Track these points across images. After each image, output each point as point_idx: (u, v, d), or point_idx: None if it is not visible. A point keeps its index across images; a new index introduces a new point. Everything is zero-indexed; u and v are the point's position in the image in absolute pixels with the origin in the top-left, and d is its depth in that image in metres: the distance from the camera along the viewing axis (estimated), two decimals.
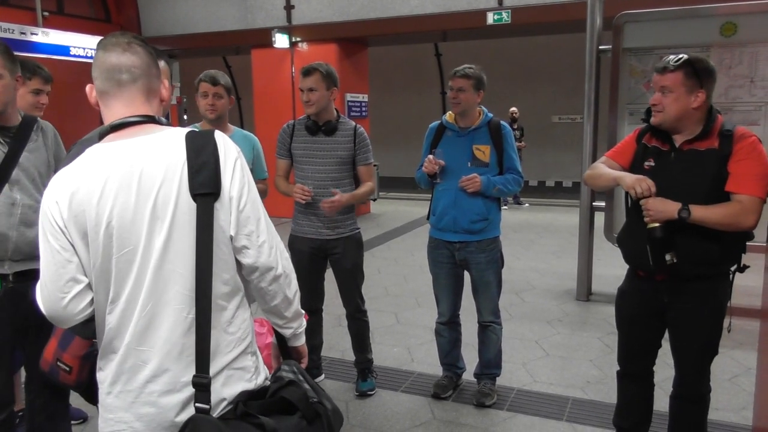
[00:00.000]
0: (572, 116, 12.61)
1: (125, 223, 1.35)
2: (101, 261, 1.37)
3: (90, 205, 1.35)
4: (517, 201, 11.11)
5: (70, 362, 1.87)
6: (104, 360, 1.47)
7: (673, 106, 2.27)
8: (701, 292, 2.35)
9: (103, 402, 1.47)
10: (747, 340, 4.03)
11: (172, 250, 1.37)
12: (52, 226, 1.38)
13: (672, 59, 2.28)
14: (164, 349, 1.39)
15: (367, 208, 10.46)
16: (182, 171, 1.36)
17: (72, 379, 1.88)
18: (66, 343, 1.89)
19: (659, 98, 2.30)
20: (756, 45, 4.48)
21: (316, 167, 3.32)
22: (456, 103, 3.24)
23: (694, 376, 2.47)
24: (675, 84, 2.26)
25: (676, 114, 2.29)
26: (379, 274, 6.37)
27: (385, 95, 13.02)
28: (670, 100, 2.27)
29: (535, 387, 3.67)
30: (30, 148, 2.45)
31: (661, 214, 2.24)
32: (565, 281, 5.91)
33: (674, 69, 2.26)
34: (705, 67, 2.29)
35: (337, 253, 3.39)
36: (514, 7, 8.40)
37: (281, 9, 9.85)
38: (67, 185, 1.38)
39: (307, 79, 3.25)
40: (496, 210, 3.34)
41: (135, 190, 1.35)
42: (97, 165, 1.38)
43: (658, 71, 2.31)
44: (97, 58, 1.47)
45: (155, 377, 1.40)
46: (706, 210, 2.22)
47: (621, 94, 4.99)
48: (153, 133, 1.42)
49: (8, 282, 2.38)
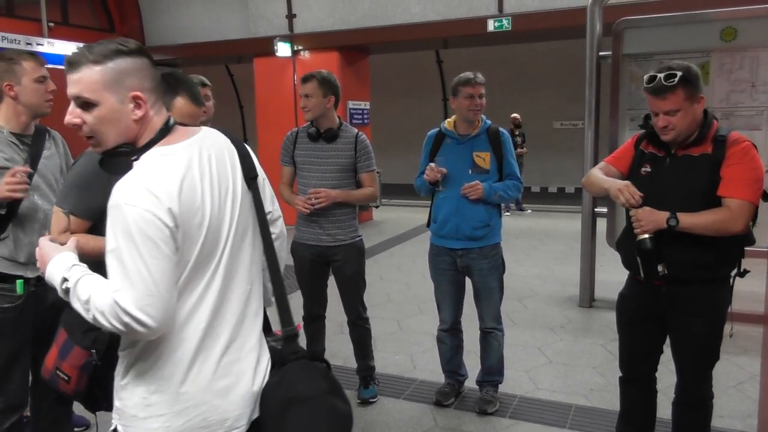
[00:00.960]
0: (574, 122, 12.62)
1: (215, 213, 1.44)
2: (196, 256, 1.41)
3: (194, 204, 1.40)
4: (520, 207, 11.11)
5: (68, 372, 1.87)
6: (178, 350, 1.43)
7: (684, 122, 2.26)
8: (700, 297, 2.34)
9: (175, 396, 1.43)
10: (752, 347, 4.01)
11: (239, 231, 1.51)
12: (161, 232, 1.33)
13: (663, 77, 2.22)
14: (232, 321, 1.49)
15: (369, 215, 10.47)
16: (236, 160, 1.55)
17: (70, 389, 1.88)
18: (66, 353, 1.90)
19: (668, 119, 2.25)
20: (756, 50, 4.48)
21: (317, 174, 3.33)
22: (477, 110, 3.25)
23: (695, 382, 2.46)
24: (679, 102, 2.23)
25: (688, 127, 2.28)
26: (382, 281, 6.36)
27: (387, 102, 13.05)
28: (678, 119, 2.25)
29: (537, 394, 3.66)
30: (46, 156, 2.55)
31: (651, 224, 2.24)
32: (567, 287, 5.89)
33: (673, 89, 2.21)
34: (695, 73, 2.27)
35: (338, 260, 3.39)
36: (514, 14, 8.43)
37: (283, 18, 9.90)
38: (168, 188, 1.36)
39: (304, 85, 3.29)
40: (497, 216, 3.34)
41: (217, 181, 1.47)
42: (186, 164, 1.42)
43: (655, 94, 2.25)
44: (144, 65, 1.46)
45: (227, 349, 1.48)
46: (693, 217, 2.22)
47: (622, 99, 5.00)
48: (199, 132, 1.53)
49: (30, 286, 2.47)
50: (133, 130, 1.45)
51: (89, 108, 1.40)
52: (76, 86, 1.40)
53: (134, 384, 1.46)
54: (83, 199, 1.95)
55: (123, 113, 1.42)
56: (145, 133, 1.46)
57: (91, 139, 1.45)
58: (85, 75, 1.39)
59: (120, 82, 1.41)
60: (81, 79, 1.39)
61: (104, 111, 1.40)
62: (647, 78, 2.28)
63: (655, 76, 2.25)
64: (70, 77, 1.40)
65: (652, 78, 2.26)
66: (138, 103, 1.43)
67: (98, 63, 1.39)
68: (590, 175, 2.58)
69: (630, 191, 2.29)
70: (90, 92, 1.39)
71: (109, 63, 1.40)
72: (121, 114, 1.42)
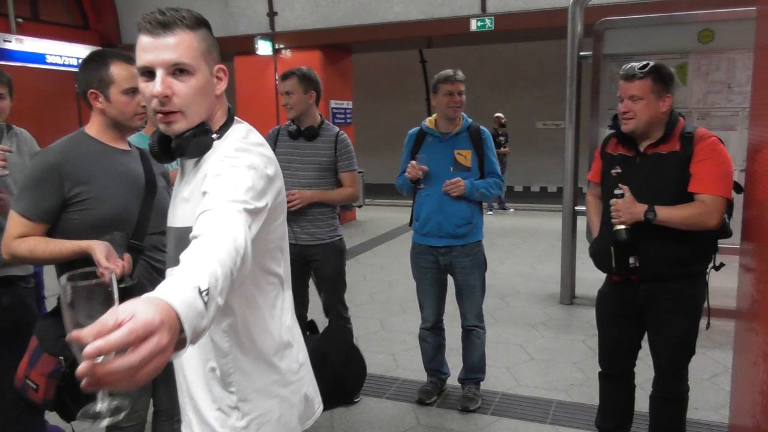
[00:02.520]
0: (556, 122, 12.71)
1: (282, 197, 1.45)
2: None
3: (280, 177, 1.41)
4: (503, 206, 11.18)
5: (36, 380, 1.83)
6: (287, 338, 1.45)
7: (645, 112, 2.32)
8: (677, 293, 2.39)
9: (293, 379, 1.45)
10: (726, 341, 4.08)
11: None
12: (272, 183, 1.32)
13: (637, 66, 2.32)
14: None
15: (352, 215, 10.46)
16: None
17: (39, 398, 1.83)
18: (34, 360, 1.86)
19: (630, 105, 2.33)
20: (733, 51, 4.56)
21: (296, 173, 3.32)
22: (457, 107, 3.27)
23: (672, 376, 2.51)
24: (644, 91, 2.30)
25: (648, 119, 2.33)
26: (365, 281, 6.37)
27: (370, 102, 13.05)
28: (640, 106, 2.31)
29: (519, 391, 3.69)
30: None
31: (629, 216, 2.29)
32: (548, 285, 5.95)
33: (642, 76, 2.30)
34: (668, 72, 2.35)
35: (317, 259, 3.38)
36: (497, 13, 8.48)
37: (264, 16, 9.85)
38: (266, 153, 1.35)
39: (285, 82, 3.28)
40: (479, 214, 3.36)
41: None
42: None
43: (626, 79, 2.34)
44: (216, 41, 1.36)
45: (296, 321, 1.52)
46: (671, 210, 2.27)
47: (602, 99, 5.06)
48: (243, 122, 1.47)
49: None
50: (214, 107, 1.35)
51: (185, 77, 1.26)
52: (171, 51, 1.24)
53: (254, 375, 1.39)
54: (35, 200, 1.88)
55: (212, 86, 1.32)
56: (220, 111, 1.38)
57: (171, 115, 1.28)
58: (183, 40, 1.25)
59: (210, 52, 1.31)
60: (180, 44, 1.24)
61: (201, 81, 1.28)
62: (624, 67, 2.37)
63: (632, 64, 2.34)
64: (160, 41, 1.24)
65: (628, 67, 2.35)
66: (220, 76, 1.35)
67: (193, 29, 1.27)
68: (587, 209, 2.74)
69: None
70: (190, 58, 1.25)
71: (201, 31, 1.29)
72: (211, 87, 1.32)
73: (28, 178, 1.93)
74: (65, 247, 1.86)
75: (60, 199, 1.89)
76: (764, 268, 1.80)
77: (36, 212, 1.88)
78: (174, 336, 0.82)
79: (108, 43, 10.91)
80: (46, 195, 1.88)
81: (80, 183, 1.90)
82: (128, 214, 1.98)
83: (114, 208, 1.94)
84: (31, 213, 1.88)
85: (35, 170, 1.92)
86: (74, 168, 1.90)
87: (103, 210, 1.92)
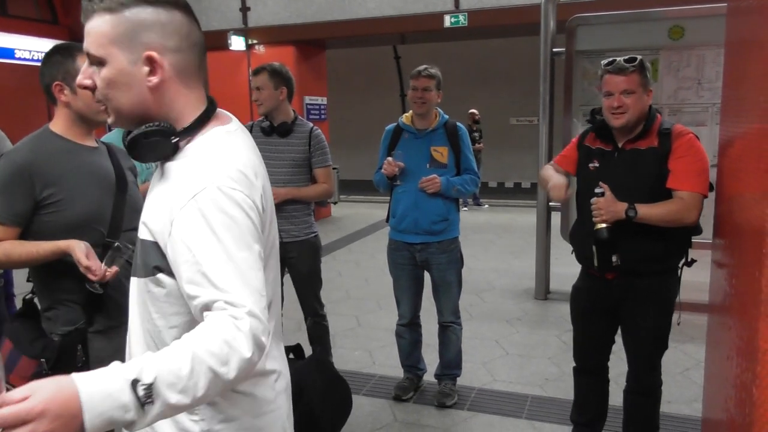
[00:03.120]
0: (530, 118, 12.82)
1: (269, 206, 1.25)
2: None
3: (267, 200, 1.21)
4: (477, 202, 11.23)
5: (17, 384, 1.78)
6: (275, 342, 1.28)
7: (637, 106, 2.33)
8: (650, 289, 2.42)
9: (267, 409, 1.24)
10: (698, 335, 4.14)
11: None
12: (255, 228, 1.09)
13: (624, 59, 2.32)
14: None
15: (327, 212, 10.41)
16: None
17: None
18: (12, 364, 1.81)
19: (623, 99, 2.32)
20: (702, 48, 4.62)
21: (270, 169, 3.24)
22: (422, 103, 3.24)
23: (646, 370, 2.54)
24: (635, 84, 2.31)
25: (639, 113, 2.34)
26: (341, 278, 6.33)
27: (345, 98, 12.99)
28: (632, 100, 2.31)
29: (495, 386, 3.71)
30: None
31: (611, 214, 2.29)
32: (523, 281, 5.99)
33: (633, 70, 2.30)
34: (648, 66, 2.37)
35: (292, 257, 3.34)
36: (470, 10, 8.49)
37: (237, 11, 9.73)
38: (254, 167, 1.15)
39: (255, 78, 3.25)
40: (455, 210, 3.36)
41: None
42: (250, 153, 1.20)
43: (617, 72, 2.33)
44: (175, 20, 1.12)
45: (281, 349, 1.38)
46: (650, 208, 2.28)
47: (575, 96, 5.09)
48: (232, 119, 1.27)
49: None
50: (148, 102, 1.13)
51: (99, 68, 1.12)
52: (86, 39, 1.13)
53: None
54: (6, 204, 1.82)
55: (134, 77, 1.11)
56: (188, 108, 1.17)
57: (103, 106, 1.17)
58: (94, 26, 1.11)
59: (134, 36, 1.10)
60: (90, 31, 1.12)
61: (112, 72, 1.11)
62: (606, 62, 2.36)
63: (615, 59, 2.33)
64: (86, 29, 1.13)
65: (612, 61, 2.34)
66: (153, 66, 1.11)
67: (111, 11, 1.10)
68: (540, 175, 2.69)
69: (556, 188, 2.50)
70: (97, 47, 1.11)
71: (125, 12, 1.09)
72: (132, 78, 1.11)
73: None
74: (42, 249, 1.82)
75: (32, 201, 1.84)
76: (736, 263, 1.82)
77: (8, 216, 1.83)
78: (64, 424, 0.84)
79: (77, 38, 10.41)
80: (18, 197, 1.82)
81: (51, 184, 1.85)
82: (102, 213, 1.94)
83: (87, 207, 1.90)
84: (3, 217, 1.82)
85: (4, 172, 1.85)
86: (44, 168, 1.85)
87: (76, 210, 1.88)
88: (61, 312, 1.90)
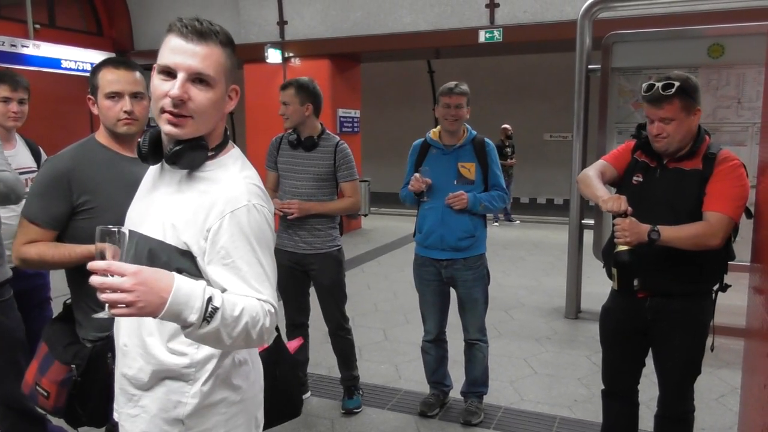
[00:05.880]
0: (564, 134, 12.69)
1: None
2: None
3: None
4: (509, 218, 11.13)
5: (48, 387, 1.83)
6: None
7: (678, 132, 2.26)
8: (683, 311, 2.35)
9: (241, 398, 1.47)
10: (734, 360, 4.03)
11: None
12: (272, 234, 1.40)
13: (660, 87, 2.22)
14: None
15: (357, 224, 10.44)
16: None
17: (50, 405, 1.84)
18: (45, 368, 1.86)
19: (662, 127, 2.25)
20: (743, 66, 4.53)
21: (294, 182, 3.32)
22: (454, 120, 3.22)
23: (677, 395, 2.46)
24: (674, 112, 2.23)
25: (682, 137, 2.28)
26: (369, 290, 6.34)
27: (378, 111, 13.07)
28: (672, 127, 2.25)
29: (522, 405, 3.65)
30: None
31: (633, 236, 2.21)
32: (554, 299, 5.90)
33: (670, 98, 2.21)
34: (693, 84, 2.27)
35: (314, 269, 3.36)
36: (505, 25, 8.47)
37: (274, 24, 9.90)
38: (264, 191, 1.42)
39: (283, 93, 3.30)
40: (482, 227, 3.33)
41: None
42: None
43: (652, 102, 2.25)
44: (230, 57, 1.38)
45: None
46: (673, 230, 2.21)
47: (610, 112, 5.03)
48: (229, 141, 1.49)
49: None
50: (219, 123, 1.40)
51: (204, 87, 1.30)
52: (201, 61, 1.29)
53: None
54: (44, 208, 1.90)
55: (224, 103, 1.37)
56: (219, 129, 1.41)
57: (182, 118, 1.30)
58: (213, 52, 1.30)
59: (231, 71, 1.36)
60: (209, 56, 1.30)
61: (218, 95, 1.33)
62: (645, 86, 2.28)
63: (653, 84, 2.25)
64: (192, 47, 1.28)
65: (650, 87, 2.26)
66: (231, 96, 1.39)
67: (224, 46, 1.33)
68: (586, 176, 2.47)
69: (621, 200, 2.24)
70: (214, 71, 1.30)
71: (228, 49, 1.34)
72: (222, 104, 1.37)
73: (37, 184, 1.95)
74: (75, 252, 1.87)
75: (69, 206, 1.91)
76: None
77: (45, 218, 1.90)
78: (146, 296, 1.11)
79: (121, 50, 11.01)
80: (54, 202, 1.90)
81: (87, 191, 1.91)
82: None
83: (119, 215, 1.94)
84: (41, 219, 1.90)
85: (45, 177, 1.94)
86: (82, 176, 1.92)
87: (108, 218, 1.92)
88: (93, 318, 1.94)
